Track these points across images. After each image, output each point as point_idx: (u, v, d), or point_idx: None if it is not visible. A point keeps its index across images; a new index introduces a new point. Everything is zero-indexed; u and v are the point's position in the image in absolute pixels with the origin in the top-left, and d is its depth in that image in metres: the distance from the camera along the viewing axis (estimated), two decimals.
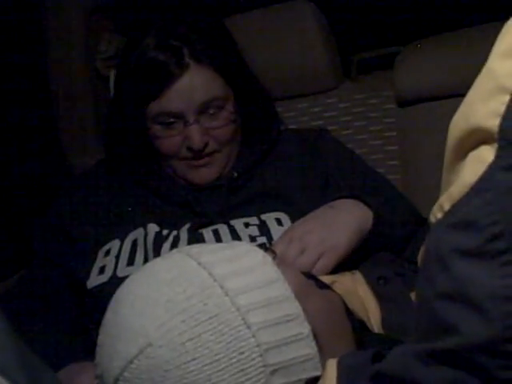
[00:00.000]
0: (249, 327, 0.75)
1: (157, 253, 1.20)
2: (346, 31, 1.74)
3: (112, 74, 1.65)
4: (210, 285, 0.77)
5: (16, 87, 1.63)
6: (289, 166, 1.34)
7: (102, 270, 1.23)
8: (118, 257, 1.23)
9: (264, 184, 1.30)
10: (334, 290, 0.96)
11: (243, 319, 0.75)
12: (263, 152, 1.35)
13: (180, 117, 1.24)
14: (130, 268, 1.20)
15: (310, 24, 1.60)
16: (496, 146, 0.53)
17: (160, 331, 0.74)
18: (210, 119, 1.25)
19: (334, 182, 1.32)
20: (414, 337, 0.59)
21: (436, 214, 0.58)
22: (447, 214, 0.56)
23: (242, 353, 0.74)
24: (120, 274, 1.20)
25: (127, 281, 0.82)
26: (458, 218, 0.54)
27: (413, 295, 1.01)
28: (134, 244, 1.24)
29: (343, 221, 1.15)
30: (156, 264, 0.83)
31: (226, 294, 0.76)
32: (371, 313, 1.00)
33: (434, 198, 0.60)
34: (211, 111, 1.25)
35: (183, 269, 0.79)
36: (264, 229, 1.23)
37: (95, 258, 1.25)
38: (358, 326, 0.93)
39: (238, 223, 1.24)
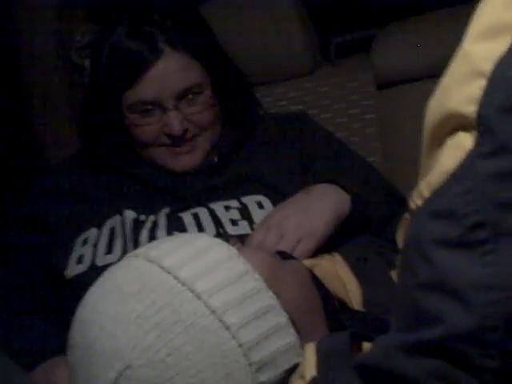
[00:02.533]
0: (228, 328, 0.73)
1: (135, 240, 1.19)
2: (322, 14, 1.73)
3: (87, 64, 1.63)
4: (179, 291, 0.74)
5: None
6: (269, 150, 1.33)
7: (80, 260, 1.21)
8: (95, 245, 1.21)
9: (244, 168, 1.30)
10: (296, 258, 0.95)
11: (220, 321, 0.73)
12: (243, 136, 1.34)
13: (157, 104, 1.23)
14: (109, 256, 1.18)
15: (286, 8, 1.59)
16: (475, 132, 0.52)
17: (136, 351, 0.71)
18: (188, 105, 1.24)
19: (313, 164, 1.32)
20: (396, 327, 0.58)
21: (416, 201, 0.57)
22: (427, 202, 0.55)
23: (226, 357, 0.72)
24: (99, 262, 1.18)
25: (89, 296, 0.78)
26: (438, 207, 0.53)
27: (393, 274, 1.00)
28: (112, 232, 1.22)
29: (320, 205, 1.15)
30: (116, 275, 0.79)
31: (198, 298, 0.73)
32: (352, 293, 0.98)
33: (413, 178, 0.59)
34: (189, 97, 1.24)
35: (147, 277, 0.75)
36: (245, 212, 1.22)
37: (72, 247, 1.23)
38: (339, 306, 0.92)
39: (218, 206, 1.23)
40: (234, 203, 1.24)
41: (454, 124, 0.54)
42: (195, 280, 0.75)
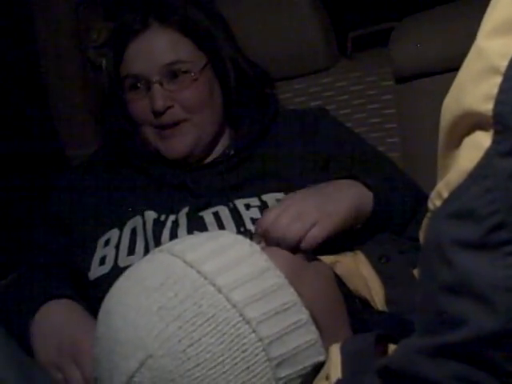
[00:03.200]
0: (248, 322, 0.74)
1: (157, 240, 1.19)
2: (339, 8, 1.72)
3: (103, 63, 1.63)
4: (201, 284, 0.75)
5: (10, 83, 1.62)
6: (288, 146, 1.32)
7: (102, 261, 1.22)
8: (117, 247, 1.22)
9: (263, 164, 1.29)
10: (320, 260, 0.95)
11: (241, 315, 0.74)
12: (260, 131, 1.33)
13: (144, 79, 1.25)
14: (131, 257, 1.19)
15: (303, 2, 1.58)
16: (492, 130, 0.51)
17: (158, 341, 0.72)
18: (173, 83, 1.25)
19: (333, 161, 1.31)
20: (418, 330, 0.57)
21: (434, 202, 0.56)
22: (446, 203, 0.54)
23: (245, 350, 0.73)
24: (121, 263, 1.19)
25: (114, 289, 0.80)
26: (457, 207, 0.53)
27: (415, 272, 1.00)
28: (134, 232, 1.23)
29: (340, 194, 1.14)
30: (141, 269, 0.81)
31: (220, 292, 0.75)
32: (374, 292, 0.99)
33: (434, 175, 0.58)
34: (176, 74, 1.25)
35: (170, 270, 0.77)
36: None
37: (95, 249, 1.24)
38: (361, 305, 0.92)
39: (238, 204, 1.23)
40: (255, 201, 1.23)
41: (470, 122, 0.53)
42: (217, 274, 0.76)
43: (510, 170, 0.50)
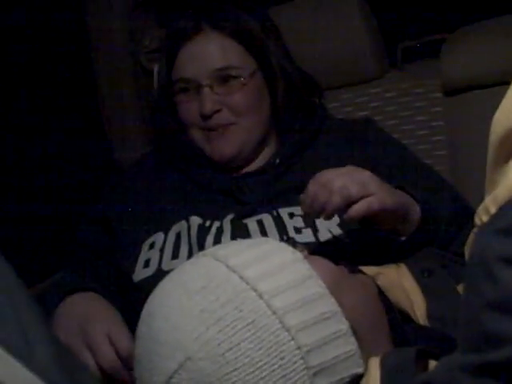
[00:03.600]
0: (287, 330, 0.74)
1: (201, 246, 1.20)
2: (390, 19, 1.71)
3: (156, 68, 1.66)
4: (243, 289, 0.75)
5: (63, 87, 1.66)
6: (333, 155, 1.32)
7: (146, 264, 1.23)
8: (162, 250, 1.23)
9: (308, 173, 1.28)
10: (364, 272, 0.94)
11: (281, 322, 0.74)
12: (306, 140, 1.34)
13: (195, 82, 1.27)
14: (175, 261, 1.20)
15: (353, 13, 1.58)
16: None
17: (198, 344, 0.73)
18: (224, 87, 1.27)
19: (380, 173, 1.29)
20: (461, 347, 0.56)
21: (481, 216, 0.56)
22: (493, 218, 0.54)
23: (283, 357, 0.73)
24: (165, 267, 1.20)
25: (156, 291, 0.81)
26: (504, 223, 0.52)
27: (459, 288, 0.99)
28: (178, 237, 1.24)
29: (395, 191, 1.10)
30: (184, 271, 0.81)
31: (261, 297, 0.75)
32: (416, 305, 0.98)
33: (482, 189, 0.58)
34: (226, 79, 1.27)
35: (213, 274, 0.77)
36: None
37: (140, 251, 1.25)
38: (401, 319, 0.91)
39: (282, 213, 1.23)
40: (298, 210, 1.22)
41: None
42: (259, 280, 0.76)
43: None
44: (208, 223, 1.24)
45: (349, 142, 1.34)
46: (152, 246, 1.25)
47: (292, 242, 1.14)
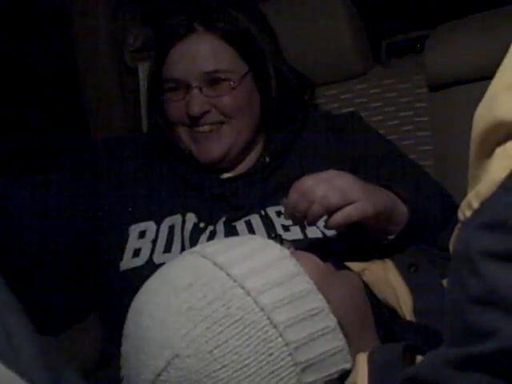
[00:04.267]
0: (275, 327, 0.74)
1: (193, 245, 1.19)
2: (374, 15, 1.71)
3: (140, 67, 1.65)
4: (230, 286, 0.76)
5: (46, 85, 1.64)
6: (318, 152, 1.33)
7: (137, 253, 1.22)
8: (154, 242, 1.22)
9: (295, 170, 1.29)
10: (350, 268, 0.95)
11: (268, 319, 0.74)
12: (293, 137, 1.34)
13: (184, 83, 1.26)
14: (167, 255, 1.20)
15: (338, 9, 1.57)
16: None
17: (185, 341, 0.73)
18: (213, 89, 1.27)
19: (364, 167, 1.30)
20: (446, 341, 0.57)
21: (464, 212, 0.56)
22: (476, 213, 0.54)
23: (271, 354, 0.74)
24: (156, 260, 1.20)
25: (144, 288, 0.81)
26: (487, 218, 0.52)
27: (445, 283, 0.99)
28: (171, 230, 1.23)
29: (381, 190, 1.10)
30: (171, 269, 0.82)
31: (248, 294, 0.75)
32: (403, 301, 0.98)
33: (466, 184, 0.58)
34: (215, 82, 1.26)
35: (200, 272, 0.78)
36: None
37: (128, 237, 1.24)
38: (388, 314, 0.91)
39: (270, 211, 1.23)
40: None
41: (503, 133, 0.53)
42: (246, 277, 0.76)
43: None
44: (202, 225, 1.24)
45: (333, 138, 1.35)
46: (143, 234, 1.24)
47: (279, 239, 1.15)
